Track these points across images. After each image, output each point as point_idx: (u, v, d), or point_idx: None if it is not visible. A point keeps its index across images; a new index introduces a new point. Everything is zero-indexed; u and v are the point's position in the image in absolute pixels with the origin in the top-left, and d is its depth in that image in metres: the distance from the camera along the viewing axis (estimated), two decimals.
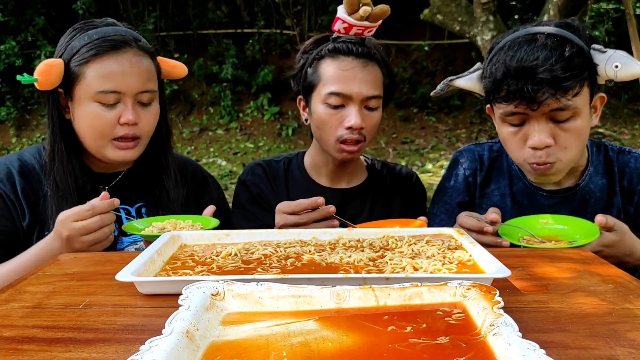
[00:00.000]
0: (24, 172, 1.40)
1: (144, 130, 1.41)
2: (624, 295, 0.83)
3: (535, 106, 1.27)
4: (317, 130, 1.57)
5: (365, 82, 1.48)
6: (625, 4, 4.98)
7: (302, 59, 1.59)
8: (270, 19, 9.69)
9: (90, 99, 1.34)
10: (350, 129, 1.48)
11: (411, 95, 9.17)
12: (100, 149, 1.39)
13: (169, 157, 1.54)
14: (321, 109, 1.52)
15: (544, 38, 1.29)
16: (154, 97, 1.43)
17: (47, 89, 1.36)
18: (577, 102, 1.29)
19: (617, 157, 1.49)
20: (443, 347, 0.61)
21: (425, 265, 0.92)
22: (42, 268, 1.01)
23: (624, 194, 1.47)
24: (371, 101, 1.50)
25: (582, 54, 1.28)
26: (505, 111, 1.34)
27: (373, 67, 1.52)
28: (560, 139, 1.32)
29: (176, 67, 1.54)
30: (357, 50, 1.50)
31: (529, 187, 1.52)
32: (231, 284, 0.75)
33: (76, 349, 0.66)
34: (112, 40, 1.36)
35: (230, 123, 9.11)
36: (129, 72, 1.35)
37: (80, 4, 8.52)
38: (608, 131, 7.95)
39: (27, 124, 9.08)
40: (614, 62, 1.28)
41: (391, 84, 1.59)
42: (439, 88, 1.49)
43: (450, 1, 5.51)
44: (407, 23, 9.40)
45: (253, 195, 1.62)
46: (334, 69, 1.50)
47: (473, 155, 1.61)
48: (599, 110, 1.42)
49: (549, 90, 1.24)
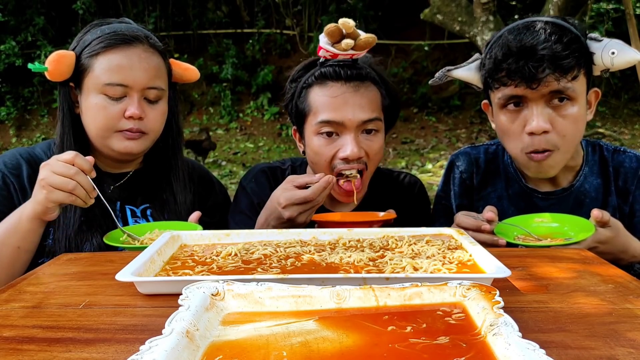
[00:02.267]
0: (33, 162, 1.41)
1: (149, 127, 1.40)
2: (624, 295, 0.83)
3: (535, 84, 1.28)
4: (311, 164, 1.48)
5: (359, 107, 1.38)
6: (625, 4, 4.98)
7: (291, 88, 1.50)
8: (270, 19, 9.70)
9: (97, 90, 1.35)
10: (346, 159, 1.38)
11: (411, 95, 9.18)
12: (105, 140, 1.39)
13: (179, 160, 1.54)
14: (314, 140, 1.42)
15: (542, 24, 1.32)
16: (161, 95, 1.42)
17: (57, 80, 1.37)
18: (575, 86, 1.30)
19: (612, 157, 1.50)
20: (443, 347, 0.61)
21: (425, 265, 0.91)
22: (42, 268, 1.01)
23: (619, 193, 1.48)
24: (369, 125, 1.40)
25: (579, 41, 1.31)
26: (504, 94, 1.35)
27: (367, 88, 1.41)
28: (558, 125, 1.32)
29: (188, 70, 1.52)
30: (347, 73, 1.39)
31: (525, 189, 1.52)
32: (231, 284, 0.75)
33: (76, 349, 0.66)
34: (123, 34, 1.38)
35: (230, 123, 9.12)
36: (137, 67, 1.36)
37: (80, 4, 8.52)
38: (608, 131, 7.95)
39: (27, 124, 9.08)
40: (610, 49, 1.30)
41: (393, 104, 1.49)
42: (437, 77, 1.49)
43: (450, 1, 5.51)
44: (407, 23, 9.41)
45: (254, 204, 1.54)
46: (322, 97, 1.40)
47: (469, 159, 1.61)
48: (594, 106, 1.43)
49: (549, 66, 1.26)
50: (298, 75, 1.50)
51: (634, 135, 8.29)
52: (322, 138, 1.41)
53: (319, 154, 1.42)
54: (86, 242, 1.36)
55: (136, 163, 1.53)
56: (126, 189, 1.48)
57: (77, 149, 1.38)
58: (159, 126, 1.45)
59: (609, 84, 9.09)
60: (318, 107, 1.40)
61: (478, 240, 1.11)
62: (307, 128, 1.45)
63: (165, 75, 1.44)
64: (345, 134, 1.39)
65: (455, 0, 5.50)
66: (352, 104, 1.38)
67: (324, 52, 1.36)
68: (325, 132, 1.40)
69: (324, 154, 1.40)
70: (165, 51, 1.47)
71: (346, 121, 1.38)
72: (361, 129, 1.40)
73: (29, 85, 8.90)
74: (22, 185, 1.38)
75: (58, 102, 1.44)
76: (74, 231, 1.34)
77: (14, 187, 1.37)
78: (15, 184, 1.37)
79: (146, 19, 9.03)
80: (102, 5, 8.73)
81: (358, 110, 1.38)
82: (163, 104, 1.44)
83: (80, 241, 1.35)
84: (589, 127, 8.04)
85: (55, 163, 1.17)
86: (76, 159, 1.17)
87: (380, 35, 9.49)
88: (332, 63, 1.41)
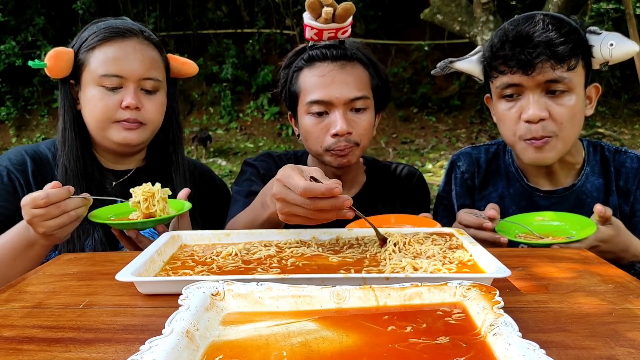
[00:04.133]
0: (37, 159, 1.43)
1: (147, 118, 1.41)
2: (624, 295, 0.83)
3: (530, 70, 1.30)
4: (305, 143, 1.53)
5: (345, 84, 1.42)
6: (625, 4, 4.98)
7: (284, 75, 1.55)
8: (270, 19, 9.70)
9: (94, 83, 1.37)
10: (337, 136, 1.42)
11: (411, 95, 9.18)
12: (103, 132, 1.40)
13: (180, 155, 1.55)
14: (305, 120, 1.47)
15: (542, 16, 1.34)
16: (158, 86, 1.43)
17: (57, 77, 1.39)
18: (572, 77, 1.32)
19: (614, 157, 1.50)
20: (443, 347, 0.61)
21: (425, 265, 0.91)
22: (42, 268, 1.01)
23: (620, 193, 1.48)
24: (357, 103, 1.44)
25: (577, 33, 1.32)
26: (501, 83, 1.37)
27: (353, 67, 1.46)
28: (555, 113, 1.34)
29: (186, 64, 1.54)
30: (332, 53, 1.44)
31: (526, 188, 1.53)
32: (231, 284, 0.75)
33: (76, 349, 0.66)
34: (118, 28, 1.40)
35: (230, 123, 9.12)
36: (132, 57, 1.38)
37: (80, 4, 8.52)
38: (608, 131, 7.95)
39: (27, 124, 9.08)
40: (609, 41, 1.32)
41: (383, 86, 1.53)
42: (439, 67, 1.51)
43: (450, 1, 5.51)
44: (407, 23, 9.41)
45: (260, 174, 1.57)
46: (311, 77, 1.45)
47: (470, 159, 1.62)
48: (594, 101, 1.44)
49: (544, 52, 1.28)
50: (290, 62, 1.54)
51: (634, 135, 8.29)
52: (312, 117, 1.46)
53: (310, 132, 1.47)
54: (88, 237, 1.37)
55: (138, 160, 1.54)
56: (128, 186, 1.48)
57: (79, 145, 1.40)
58: (157, 117, 1.45)
59: (609, 84, 9.09)
60: (307, 88, 1.46)
61: (480, 238, 1.11)
62: (299, 110, 1.50)
63: (161, 67, 1.46)
64: (334, 111, 1.43)
65: (455, 0, 5.50)
66: (339, 82, 1.42)
67: (309, 31, 1.41)
68: (315, 112, 1.45)
69: (315, 132, 1.45)
70: (161, 45, 1.49)
71: (333, 99, 1.42)
72: (349, 107, 1.44)
73: (29, 85, 8.91)
74: (27, 181, 1.39)
75: (59, 99, 1.46)
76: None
77: (19, 182, 1.38)
78: (20, 180, 1.38)
79: (146, 19, 9.04)
80: (102, 5, 8.73)
81: (345, 87, 1.42)
82: (161, 95, 1.45)
83: (82, 234, 1.36)
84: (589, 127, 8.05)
85: (38, 213, 1.12)
86: (50, 199, 1.11)
87: (380, 35, 9.50)
88: (319, 46, 1.46)
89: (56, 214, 1.13)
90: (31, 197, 1.12)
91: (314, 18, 1.37)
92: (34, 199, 1.12)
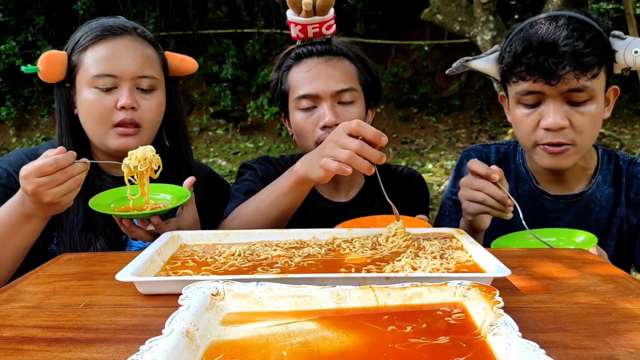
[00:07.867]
0: None
1: (144, 118, 1.37)
2: (624, 295, 0.83)
3: (554, 81, 1.26)
4: (298, 140, 1.53)
5: (331, 77, 1.44)
6: (625, 4, 4.98)
7: (276, 76, 1.57)
8: (270, 19, 9.69)
9: (88, 84, 1.33)
10: (326, 128, 1.42)
11: (411, 95, 9.17)
12: (101, 138, 1.36)
13: (190, 154, 1.52)
14: (296, 116, 1.48)
15: (565, 19, 1.29)
16: (155, 84, 1.39)
17: (50, 81, 1.36)
18: (594, 85, 1.28)
19: (627, 168, 1.47)
20: (443, 347, 0.61)
21: (424, 265, 0.91)
22: (42, 268, 1.01)
23: (629, 204, 1.46)
24: (344, 95, 1.45)
25: (602, 38, 1.28)
26: (521, 89, 1.33)
27: (339, 61, 1.48)
28: (575, 122, 1.31)
29: (184, 61, 1.50)
30: (318, 49, 1.47)
31: (535, 190, 1.51)
32: (231, 284, 0.75)
33: (76, 349, 0.66)
34: (110, 26, 1.37)
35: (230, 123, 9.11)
36: (124, 55, 1.34)
37: (80, 4, 8.52)
38: (608, 131, 7.94)
39: (27, 124, 9.08)
40: (633, 48, 1.28)
41: (373, 81, 1.54)
42: (454, 67, 1.47)
43: (450, 1, 5.50)
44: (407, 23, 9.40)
45: (259, 176, 1.56)
46: (298, 73, 1.48)
47: (480, 156, 1.60)
48: (612, 104, 1.41)
49: (570, 64, 1.24)
50: (280, 63, 1.56)
51: (634, 135, 8.29)
52: (302, 113, 1.47)
53: (301, 128, 1.48)
54: (90, 246, 1.35)
55: None
56: None
57: (77, 150, 1.38)
58: (155, 118, 1.41)
59: None
60: (295, 84, 1.48)
61: (486, 191, 1.12)
62: (290, 107, 1.52)
63: (157, 65, 1.41)
64: (322, 104, 1.45)
65: (455, 0, 5.50)
66: (325, 75, 1.45)
67: (293, 27, 1.44)
68: (304, 108, 1.46)
69: (305, 127, 1.47)
70: (157, 42, 1.45)
71: (320, 92, 1.44)
72: (337, 99, 1.45)
73: (29, 85, 8.91)
74: None
75: (55, 104, 1.42)
76: (77, 231, 1.33)
77: (18, 184, 1.36)
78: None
79: (146, 19, 9.03)
80: (102, 5, 8.72)
81: (331, 80, 1.44)
82: (158, 94, 1.40)
83: (84, 242, 1.34)
84: None
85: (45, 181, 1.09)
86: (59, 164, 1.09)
87: (380, 35, 9.50)
88: (306, 43, 1.49)
89: (63, 180, 1.10)
90: (35, 165, 1.09)
91: (296, 13, 1.39)
92: (40, 167, 1.08)
